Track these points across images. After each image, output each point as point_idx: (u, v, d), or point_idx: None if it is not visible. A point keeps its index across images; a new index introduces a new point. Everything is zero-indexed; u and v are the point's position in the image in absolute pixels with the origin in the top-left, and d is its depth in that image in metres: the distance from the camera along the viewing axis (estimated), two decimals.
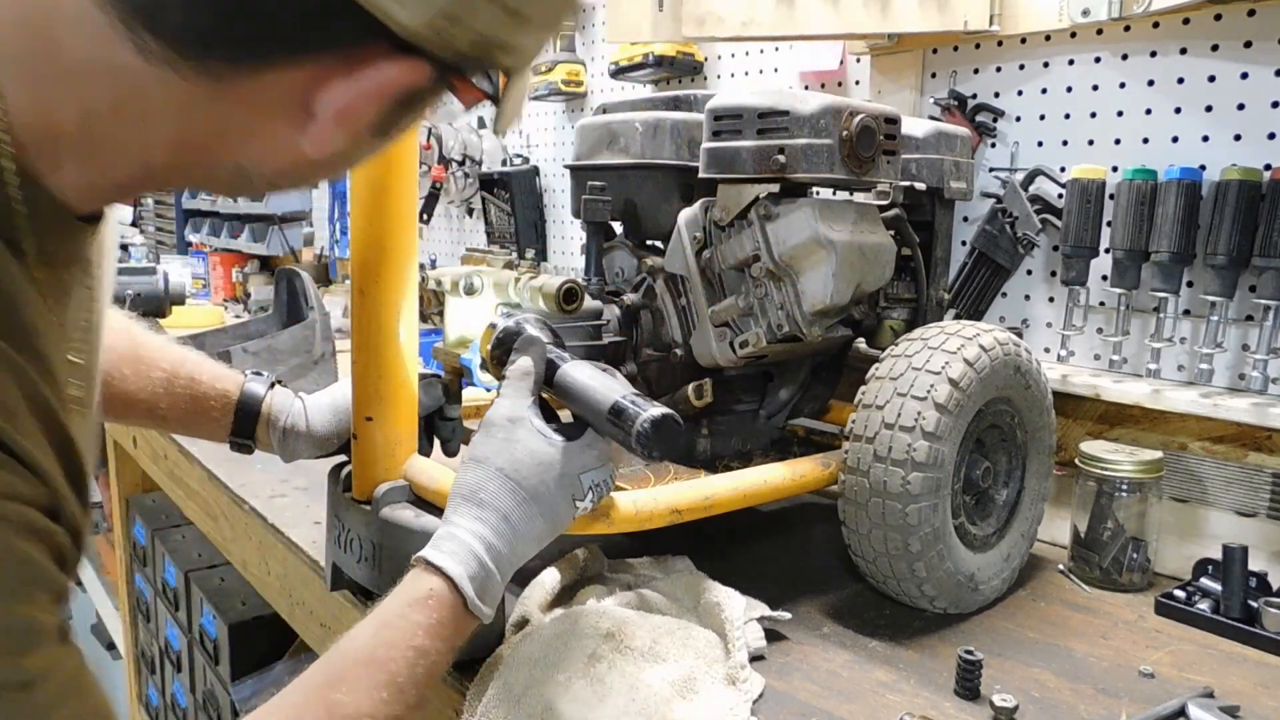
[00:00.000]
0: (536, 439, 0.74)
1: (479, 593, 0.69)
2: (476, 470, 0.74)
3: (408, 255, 0.85)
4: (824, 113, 0.92)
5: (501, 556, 0.71)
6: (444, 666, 0.70)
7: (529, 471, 0.73)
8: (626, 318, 1.07)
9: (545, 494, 0.73)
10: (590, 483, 0.76)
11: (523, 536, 0.73)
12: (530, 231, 2.29)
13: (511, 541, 0.72)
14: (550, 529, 0.75)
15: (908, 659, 0.88)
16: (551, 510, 0.74)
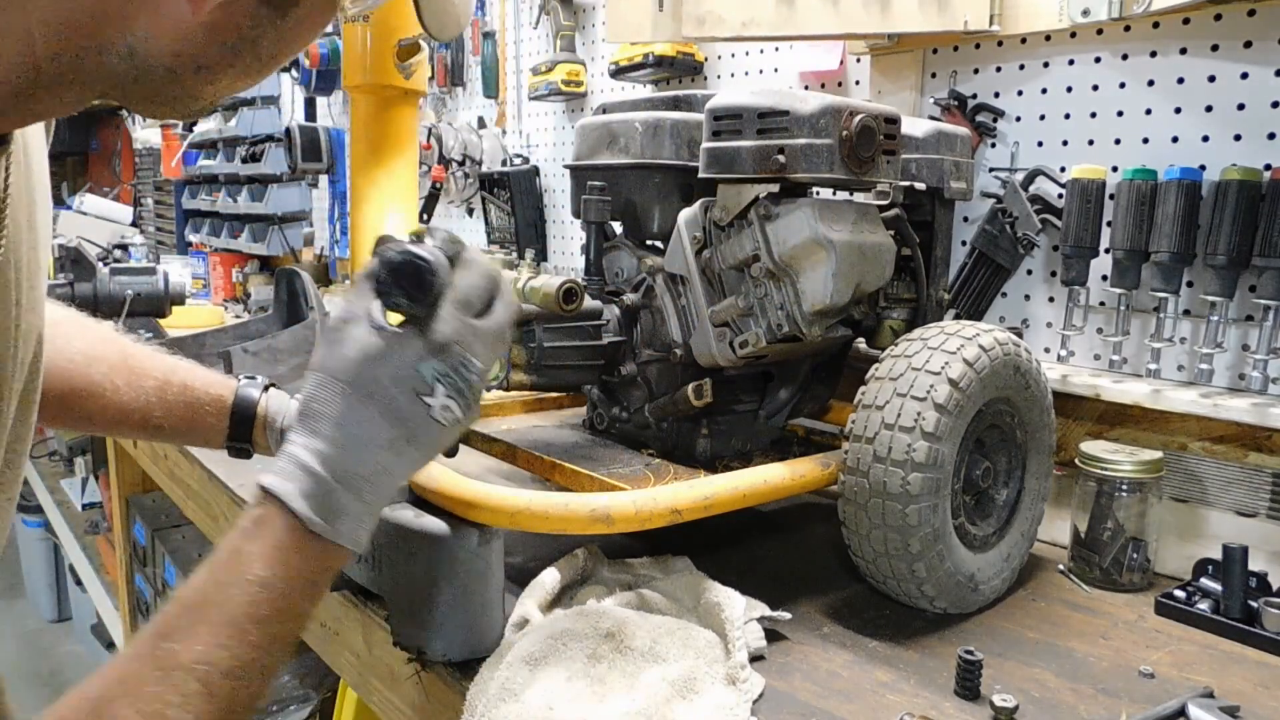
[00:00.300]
0: (366, 333, 0.67)
1: (319, 509, 0.63)
2: (309, 381, 0.67)
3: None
4: (824, 113, 0.92)
5: (340, 466, 0.64)
6: (302, 599, 0.64)
7: (357, 369, 0.66)
8: (626, 318, 1.08)
9: (380, 391, 0.66)
10: (433, 374, 0.67)
11: (365, 441, 0.65)
12: (530, 231, 2.29)
13: (349, 448, 0.65)
14: (403, 432, 0.67)
15: (908, 659, 0.88)
16: (393, 410, 0.66)
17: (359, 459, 0.65)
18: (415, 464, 0.69)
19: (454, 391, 0.68)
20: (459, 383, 0.68)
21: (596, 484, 0.96)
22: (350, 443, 0.65)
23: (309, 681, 1.90)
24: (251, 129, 3.34)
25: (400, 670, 0.89)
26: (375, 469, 0.66)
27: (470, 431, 1.17)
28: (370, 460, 0.66)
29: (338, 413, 0.65)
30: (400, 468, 0.68)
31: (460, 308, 0.69)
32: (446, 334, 0.68)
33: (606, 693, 0.76)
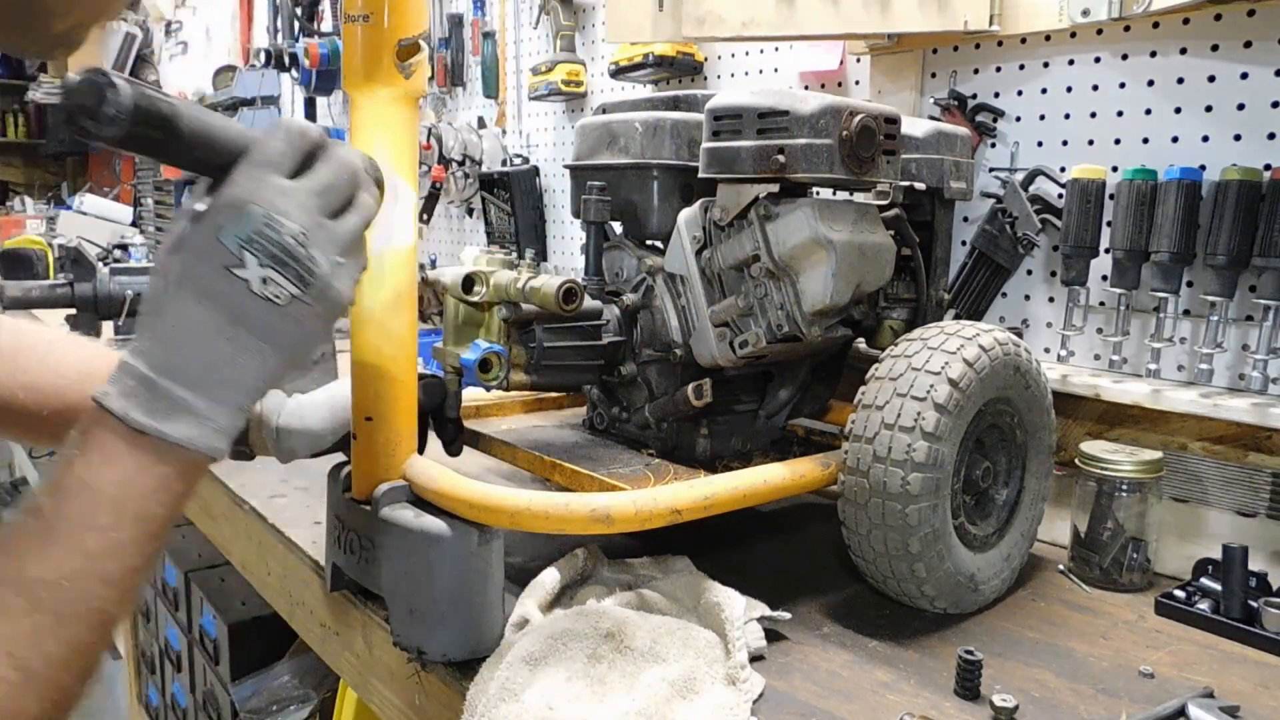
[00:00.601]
0: (179, 223, 0.63)
1: (145, 407, 0.58)
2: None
3: (408, 255, 0.85)
4: (824, 113, 0.92)
5: (163, 360, 0.60)
6: (150, 504, 0.59)
7: (169, 258, 0.62)
8: (626, 318, 1.07)
9: (189, 274, 0.60)
10: (236, 241, 0.60)
11: (188, 331, 0.60)
12: (530, 231, 2.29)
13: (172, 341, 0.60)
14: (225, 314, 0.61)
15: (908, 659, 0.88)
16: (206, 291, 0.60)
17: (185, 351, 0.60)
18: (268, 355, 0.63)
19: (269, 260, 0.61)
20: (271, 248, 0.61)
21: (596, 484, 0.96)
22: (172, 334, 0.60)
23: (309, 681, 1.90)
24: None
25: (400, 670, 0.89)
26: (210, 361, 0.60)
27: (470, 431, 1.17)
28: (200, 352, 0.60)
29: (158, 307, 0.61)
30: (245, 359, 0.62)
31: (263, 168, 0.63)
32: (236, 193, 0.61)
33: (606, 693, 0.76)
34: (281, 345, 0.63)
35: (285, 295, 0.62)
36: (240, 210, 0.61)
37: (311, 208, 0.64)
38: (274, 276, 0.61)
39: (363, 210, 0.68)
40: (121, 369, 0.60)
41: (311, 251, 0.63)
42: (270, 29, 3.40)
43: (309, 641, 1.14)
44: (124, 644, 2.61)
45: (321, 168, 0.66)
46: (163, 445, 0.59)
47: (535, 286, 0.94)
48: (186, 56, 4.57)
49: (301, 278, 0.63)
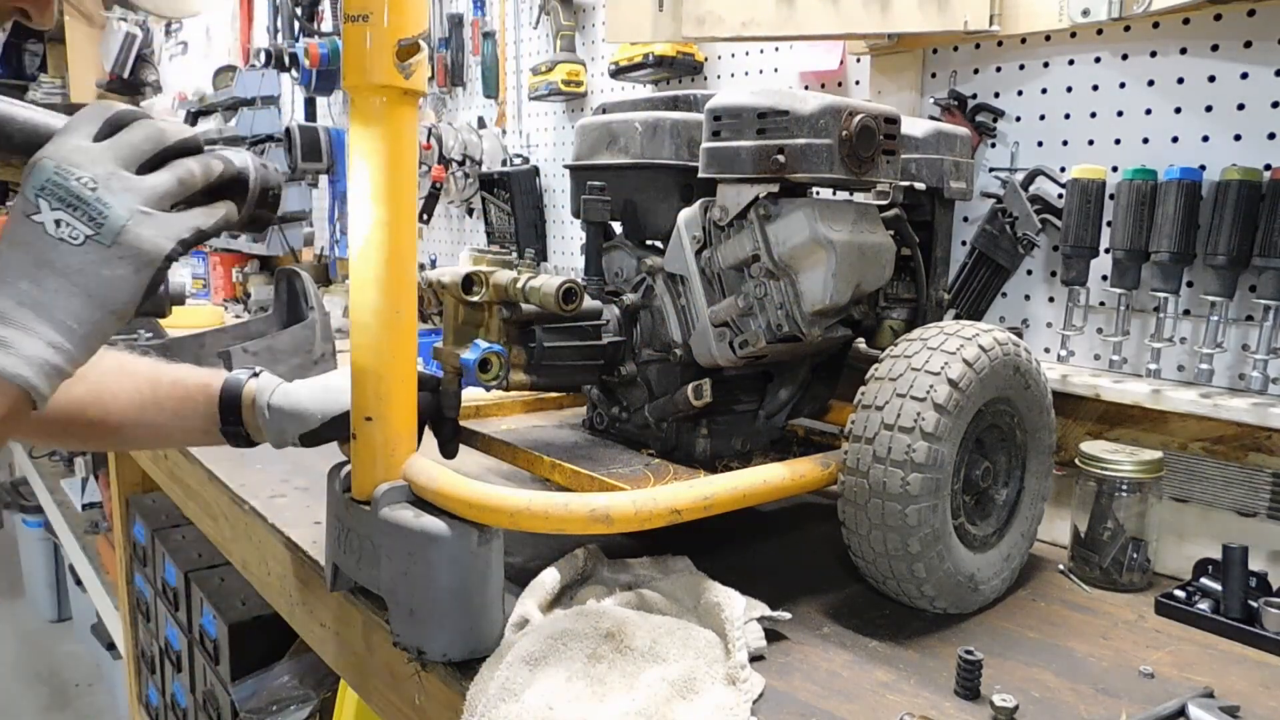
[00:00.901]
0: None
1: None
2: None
3: (408, 255, 0.85)
4: (824, 113, 0.92)
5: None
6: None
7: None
8: (626, 318, 1.07)
9: (5, 228, 0.67)
10: (33, 189, 0.66)
11: (1, 278, 0.65)
12: (530, 231, 2.29)
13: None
14: (29, 256, 0.65)
15: (908, 659, 0.88)
16: (12, 237, 0.66)
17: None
18: (75, 295, 0.66)
19: (59, 204, 0.66)
20: (60, 192, 0.66)
21: (596, 484, 0.96)
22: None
23: (309, 681, 1.90)
24: (251, 129, 3.34)
25: (400, 670, 0.89)
26: (16, 298, 0.65)
27: (470, 431, 1.17)
28: (6, 292, 0.65)
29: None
30: (50, 297, 0.65)
31: (65, 133, 0.69)
32: (39, 154, 0.68)
33: (606, 693, 0.76)
34: (87, 286, 0.67)
35: (80, 235, 0.66)
36: (36, 164, 0.67)
37: (106, 159, 0.68)
38: (65, 218, 0.66)
39: (179, 170, 0.72)
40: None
41: (102, 195, 0.67)
42: (270, 29, 3.40)
43: (309, 641, 1.14)
44: (124, 644, 2.61)
45: (126, 131, 0.71)
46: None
47: (535, 286, 0.94)
48: (186, 56, 4.57)
49: (93, 219, 0.67)
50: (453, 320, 1.00)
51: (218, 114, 3.74)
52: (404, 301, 0.85)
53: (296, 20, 3.09)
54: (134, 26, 4.66)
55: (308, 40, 2.87)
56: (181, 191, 0.72)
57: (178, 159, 0.73)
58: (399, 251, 0.84)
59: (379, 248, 0.83)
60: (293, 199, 3.28)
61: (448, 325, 1.00)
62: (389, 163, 0.81)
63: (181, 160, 0.73)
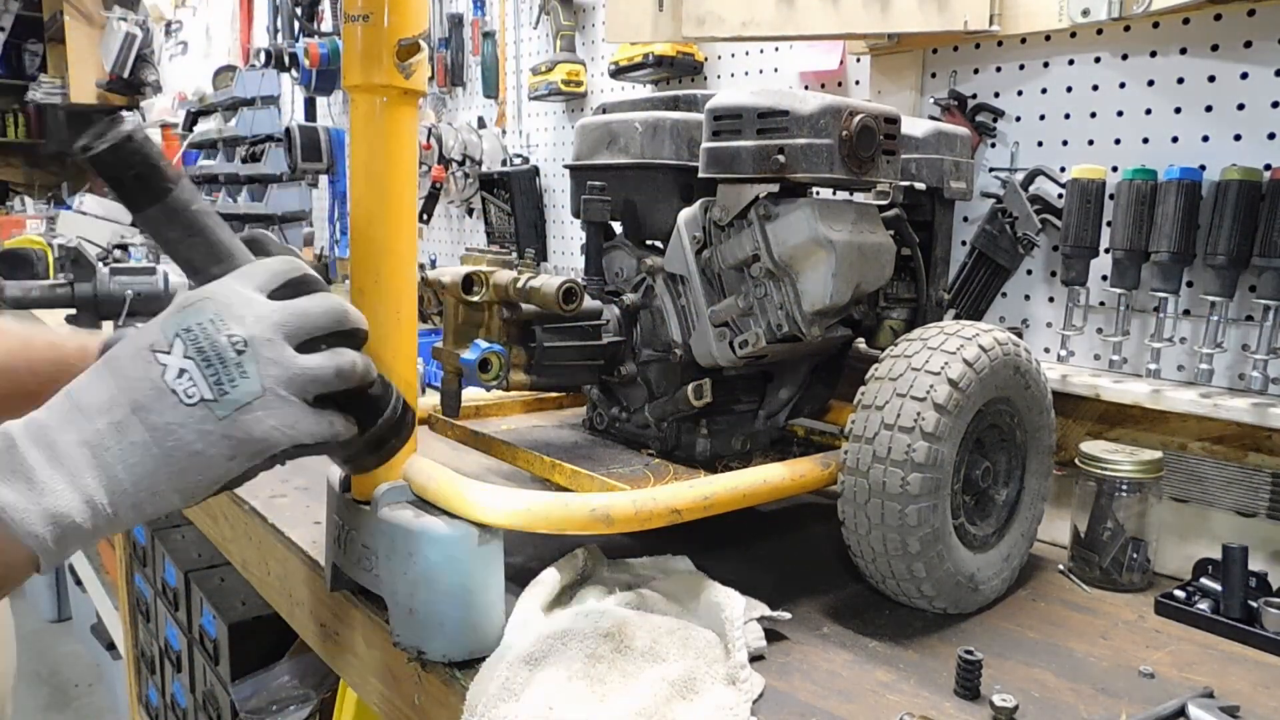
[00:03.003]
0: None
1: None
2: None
3: (408, 255, 0.84)
4: (824, 113, 0.92)
5: (40, 424, 0.56)
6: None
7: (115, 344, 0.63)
8: (626, 318, 1.07)
9: (118, 351, 0.59)
10: (175, 326, 0.58)
11: (81, 401, 0.57)
12: (530, 231, 2.29)
13: (62, 409, 0.57)
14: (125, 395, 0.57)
15: (908, 659, 0.88)
16: (120, 368, 0.58)
17: (66, 424, 0.56)
18: (150, 455, 0.57)
19: (195, 352, 0.57)
20: (202, 342, 0.57)
21: (596, 484, 0.96)
22: (66, 406, 0.57)
23: (309, 681, 1.90)
24: (251, 129, 3.34)
25: (400, 670, 0.89)
26: (84, 438, 0.56)
27: (470, 431, 1.17)
28: (80, 427, 0.56)
29: (78, 383, 0.58)
30: (123, 449, 0.56)
31: (240, 277, 0.61)
32: (203, 289, 0.59)
33: (606, 693, 0.76)
34: (170, 450, 0.57)
35: (195, 395, 0.57)
36: (194, 302, 0.59)
37: (270, 323, 0.59)
38: (192, 370, 0.57)
39: (339, 359, 0.62)
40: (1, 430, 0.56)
41: (245, 363, 0.58)
42: (270, 29, 3.40)
43: (309, 641, 1.14)
44: (124, 644, 2.61)
45: (306, 300, 0.62)
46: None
47: (535, 286, 0.94)
48: (186, 56, 4.57)
49: (220, 384, 0.58)
50: (453, 320, 1.00)
51: (218, 114, 3.74)
52: (404, 301, 0.85)
53: (296, 20, 3.09)
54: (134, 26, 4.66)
55: (308, 40, 2.87)
56: (335, 386, 0.62)
57: (343, 346, 0.63)
58: (399, 251, 0.84)
59: (379, 248, 0.83)
60: (292, 199, 3.29)
61: (448, 325, 1.00)
62: (389, 163, 0.81)
63: (346, 350, 0.63)
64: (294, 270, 0.63)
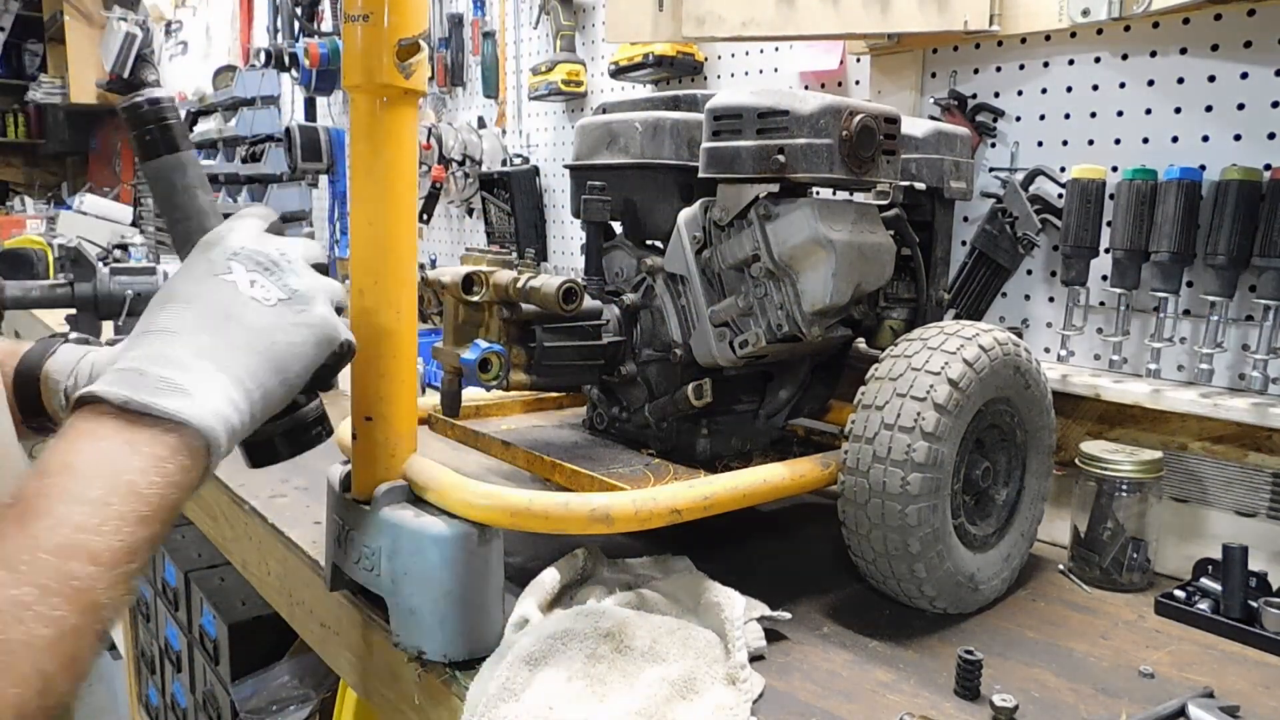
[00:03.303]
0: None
1: (132, 386, 0.58)
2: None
3: (408, 255, 0.85)
4: (824, 113, 0.92)
5: (148, 353, 0.61)
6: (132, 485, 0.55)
7: (171, 282, 0.68)
8: (626, 318, 1.07)
9: (178, 288, 0.65)
10: (223, 254, 0.67)
11: (174, 328, 0.62)
12: (530, 231, 2.30)
13: (158, 340, 0.62)
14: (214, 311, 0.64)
15: (908, 659, 0.88)
16: (194, 295, 0.65)
17: (174, 344, 0.61)
18: (257, 354, 0.64)
19: (255, 267, 0.67)
20: (256, 258, 0.67)
21: (596, 484, 0.96)
22: (161, 336, 0.62)
23: (309, 681, 1.90)
24: (251, 129, 3.34)
25: (400, 670, 0.89)
26: (198, 349, 0.61)
27: (470, 431, 1.17)
28: (189, 343, 0.62)
29: (148, 323, 0.63)
30: (234, 354, 0.63)
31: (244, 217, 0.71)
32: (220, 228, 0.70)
33: (606, 693, 0.76)
34: (271, 348, 0.65)
35: (273, 297, 0.66)
36: (224, 235, 0.68)
37: (293, 249, 0.70)
38: (260, 280, 0.66)
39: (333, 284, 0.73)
40: (108, 375, 0.59)
41: (296, 269, 0.69)
42: (270, 29, 3.40)
43: (309, 641, 1.14)
44: (124, 644, 2.61)
45: (299, 239, 0.73)
46: (153, 423, 0.57)
47: (535, 286, 0.94)
48: (186, 56, 4.57)
49: (286, 285, 0.67)
50: (453, 320, 1.00)
51: (218, 114, 3.74)
52: (404, 301, 0.85)
53: (296, 20, 3.09)
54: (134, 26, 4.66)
55: (308, 40, 2.87)
56: (344, 303, 0.74)
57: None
58: (399, 251, 0.84)
59: (379, 248, 0.83)
60: (292, 199, 3.29)
61: (448, 325, 1.00)
62: (389, 163, 0.81)
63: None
64: (274, 216, 0.75)
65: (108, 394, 0.57)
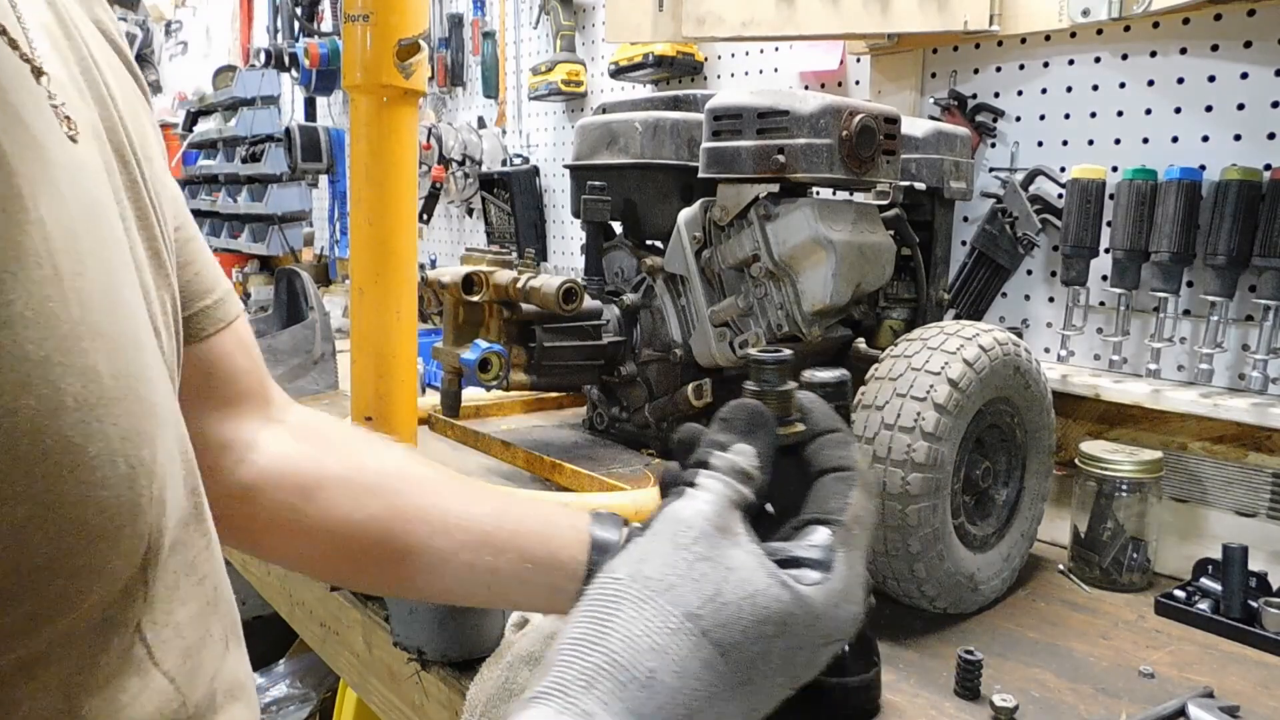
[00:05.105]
0: (761, 573, 0.43)
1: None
2: (643, 611, 0.41)
3: (408, 255, 0.85)
4: (824, 113, 0.92)
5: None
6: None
7: (745, 635, 0.41)
8: (626, 318, 1.08)
9: (761, 678, 0.42)
10: (827, 658, 0.46)
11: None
12: (530, 231, 2.30)
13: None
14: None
15: (908, 659, 0.88)
16: (757, 706, 0.43)
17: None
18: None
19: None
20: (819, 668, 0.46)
21: (596, 484, 0.96)
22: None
23: (309, 681, 1.90)
24: (251, 129, 3.34)
25: (400, 670, 0.89)
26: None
27: (470, 431, 1.17)
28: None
29: (693, 701, 0.40)
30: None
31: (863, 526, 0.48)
32: (862, 601, 0.46)
33: None
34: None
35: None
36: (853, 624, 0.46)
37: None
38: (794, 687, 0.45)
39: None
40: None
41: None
42: (270, 29, 3.40)
43: (309, 641, 1.14)
44: None
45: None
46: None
47: (535, 286, 0.94)
48: (186, 56, 4.57)
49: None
50: (453, 320, 1.00)
51: (218, 114, 3.74)
52: (404, 301, 0.85)
53: (296, 20, 3.09)
54: (134, 26, 4.66)
55: (308, 40, 2.87)
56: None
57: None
58: (399, 251, 0.84)
59: (379, 248, 0.83)
60: (292, 199, 3.29)
61: (448, 325, 1.00)
62: (389, 163, 0.81)
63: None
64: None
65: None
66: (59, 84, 0.41)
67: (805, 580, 0.44)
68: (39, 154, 0.36)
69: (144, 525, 0.40)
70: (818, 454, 0.50)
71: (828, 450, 0.50)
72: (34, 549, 0.34)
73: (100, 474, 0.36)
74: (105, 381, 0.37)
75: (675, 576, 0.41)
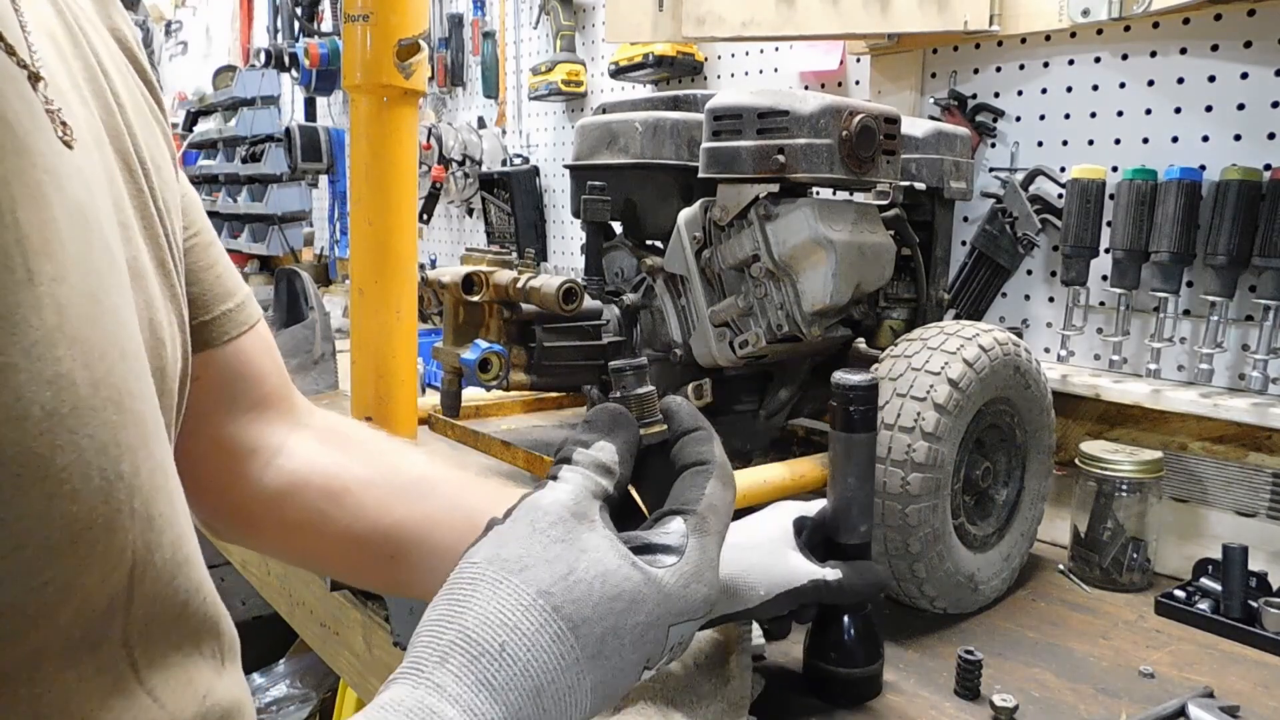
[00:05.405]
0: (613, 555, 0.45)
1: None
2: (498, 591, 0.43)
3: (408, 255, 0.85)
4: (824, 113, 0.92)
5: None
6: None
7: (595, 611, 0.44)
8: (626, 318, 1.08)
9: (612, 653, 0.44)
10: (679, 638, 0.48)
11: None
12: (530, 231, 2.30)
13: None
14: (604, 701, 0.45)
15: (908, 659, 0.88)
16: (611, 681, 0.45)
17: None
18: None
19: (674, 658, 0.49)
20: (684, 649, 0.49)
21: None
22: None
23: (309, 681, 1.90)
24: (251, 129, 3.34)
25: None
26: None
27: (470, 431, 1.17)
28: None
29: (543, 677, 0.42)
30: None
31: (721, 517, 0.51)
32: (714, 583, 0.49)
33: None
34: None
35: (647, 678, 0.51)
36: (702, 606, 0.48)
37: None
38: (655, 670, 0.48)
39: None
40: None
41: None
42: (270, 29, 3.40)
43: (309, 641, 1.14)
44: None
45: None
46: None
47: (535, 286, 0.94)
48: (186, 56, 4.58)
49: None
50: (453, 320, 1.00)
51: (218, 114, 3.74)
52: (404, 301, 0.85)
53: (296, 20, 3.09)
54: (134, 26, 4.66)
55: (308, 40, 2.87)
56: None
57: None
58: (399, 251, 0.84)
59: (379, 248, 0.83)
60: (292, 199, 3.29)
61: (448, 325, 1.00)
62: (389, 163, 0.82)
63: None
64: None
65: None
66: (57, 89, 0.41)
67: (658, 564, 0.47)
68: (23, 159, 0.36)
69: (123, 541, 0.39)
70: (680, 451, 0.54)
71: (689, 448, 0.54)
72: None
73: (69, 487, 0.35)
74: (81, 390, 0.36)
75: (530, 558, 0.44)
